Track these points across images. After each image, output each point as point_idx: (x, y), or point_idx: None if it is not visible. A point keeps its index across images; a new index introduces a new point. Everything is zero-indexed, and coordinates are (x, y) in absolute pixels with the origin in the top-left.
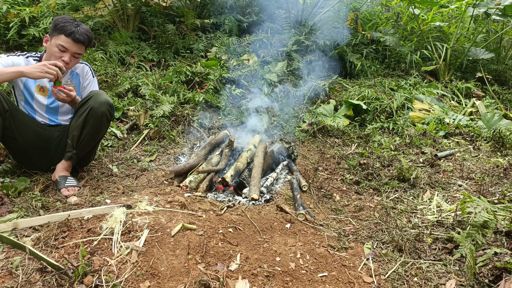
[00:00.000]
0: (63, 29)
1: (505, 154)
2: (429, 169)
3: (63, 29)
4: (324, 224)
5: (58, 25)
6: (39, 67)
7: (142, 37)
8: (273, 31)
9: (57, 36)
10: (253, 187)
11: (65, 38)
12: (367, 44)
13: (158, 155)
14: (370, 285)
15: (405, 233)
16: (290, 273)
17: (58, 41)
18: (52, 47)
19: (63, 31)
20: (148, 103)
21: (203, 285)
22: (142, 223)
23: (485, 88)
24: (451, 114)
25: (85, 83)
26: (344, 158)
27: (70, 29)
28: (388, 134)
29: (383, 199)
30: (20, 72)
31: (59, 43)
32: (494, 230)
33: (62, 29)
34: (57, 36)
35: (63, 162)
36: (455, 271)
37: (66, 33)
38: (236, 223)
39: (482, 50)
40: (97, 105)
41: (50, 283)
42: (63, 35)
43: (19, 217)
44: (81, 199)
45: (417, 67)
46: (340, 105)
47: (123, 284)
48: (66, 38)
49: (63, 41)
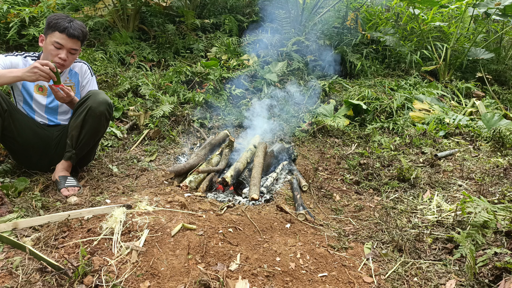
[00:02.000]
0: (57, 25)
1: (505, 154)
2: (429, 169)
3: (57, 25)
4: (324, 224)
5: (51, 22)
6: (31, 71)
7: (142, 37)
8: (273, 31)
9: (52, 33)
10: (253, 187)
11: (60, 34)
12: (367, 44)
13: (158, 155)
14: (370, 285)
15: (405, 233)
16: (290, 273)
17: (53, 38)
18: (48, 45)
19: (56, 28)
20: (148, 103)
21: (203, 285)
22: (142, 223)
23: (485, 88)
24: (451, 114)
25: (84, 82)
26: (344, 158)
27: (64, 25)
28: (388, 134)
29: (383, 199)
30: (17, 77)
31: (54, 40)
32: (494, 230)
33: (56, 26)
34: (51, 34)
35: (63, 162)
36: (455, 271)
37: (60, 29)
38: (236, 223)
39: (482, 50)
40: (95, 104)
41: (50, 283)
42: (57, 32)
43: (19, 217)
44: (81, 199)
45: (417, 67)
46: (340, 105)
47: (123, 284)
48: (61, 34)
49: (57, 37)
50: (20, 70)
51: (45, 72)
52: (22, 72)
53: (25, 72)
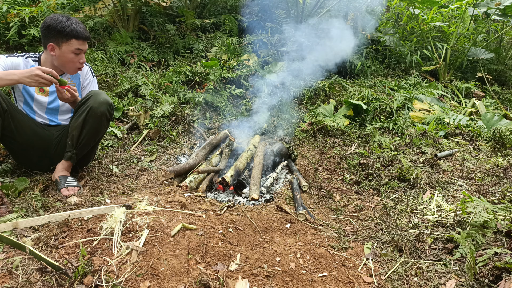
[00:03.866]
0: (71, 33)
1: (505, 154)
2: (429, 169)
3: (71, 33)
4: (324, 224)
5: (63, 31)
6: (32, 78)
7: (142, 37)
8: (273, 31)
9: (67, 41)
10: (253, 187)
11: (77, 42)
12: (367, 44)
13: (158, 155)
14: (370, 285)
15: (405, 233)
16: (290, 273)
17: (72, 46)
18: (67, 54)
19: (72, 35)
20: (148, 103)
21: (203, 285)
22: (142, 223)
23: (485, 88)
24: (451, 114)
25: (85, 83)
26: (344, 158)
27: (77, 30)
28: (388, 134)
29: (383, 199)
30: (15, 81)
31: (75, 48)
32: (494, 230)
33: (70, 34)
34: (67, 42)
35: (63, 162)
36: (455, 271)
37: (76, 36)
38: (236, 223)
39: (482, 50)
40: (96, 104)
41: (50, 283)
42: (74, 39)
43: (19, 217)
44: (81, 199)
45: (417, 67)
46: (340, 105)
47: (123, 284)
48: (78, 41)
49: (77, 45)
50: (18, 73)
51: (47, 79)
52: (19, 76)
53: (24, 77)
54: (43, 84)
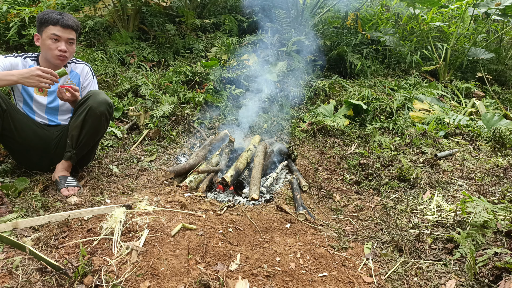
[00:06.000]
0: (48, 20)
1: (505, 154)
2: (429, 169)
3: (48, 20)
4: (324, 224)
5: (42, 19)
6: (32, 78)
7: (142, 37)
8: (273, 31)
9: (45, 28)
10: (253, 187)
11: (54, 27)
12: (367, 44)
13: (158, 155)
14: (370, 285)
15: (405, 233)
16: (290, 273)
17: (48, 32)
18: (45, 40)
19: (49, 22)
20: (148, 103)
21: (203, 285)
22: (142, 223)
23: (485, 88)
24: (451, 114)
25: (85, 83)
26: (344, 158)
27: (56, 17)
28: (388, 134)
29: (383, 199)
30: (13, 81)
31: (50, 33)
32: (494, 230)
33: (48, 20)
34: (45, 29)
35: (63, 162)
36: (455, 271)
37: (53, 22)
38: (236, 223)
39: (482, 50)
40: (96, 104)
41: (50, 283)
42: (51, 25)
43: (19, 217)
44: (81, 199)
45: (417, 67)
46: (340, 105)
47: (123, 284)
48: (55, 26)
49: (53, 30)
50: (16, 74)
51: (47, 79)
52: (18, 77)
53: (23, 77)
54: (43, 84)
